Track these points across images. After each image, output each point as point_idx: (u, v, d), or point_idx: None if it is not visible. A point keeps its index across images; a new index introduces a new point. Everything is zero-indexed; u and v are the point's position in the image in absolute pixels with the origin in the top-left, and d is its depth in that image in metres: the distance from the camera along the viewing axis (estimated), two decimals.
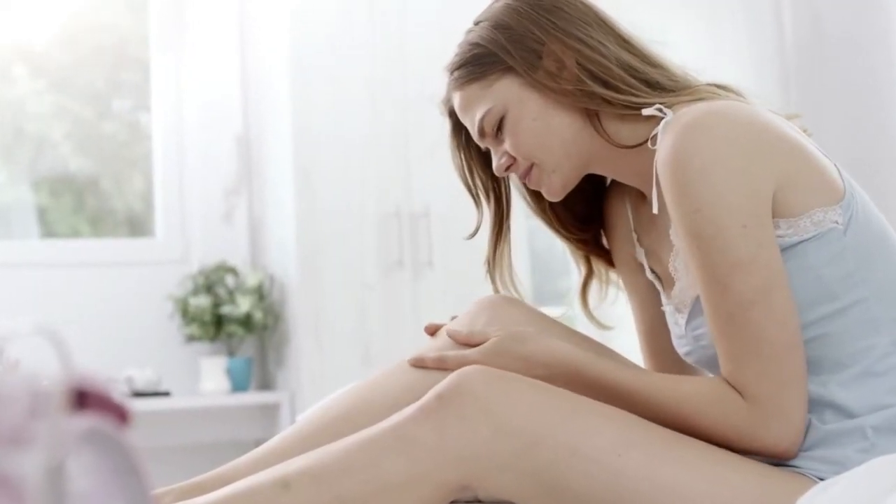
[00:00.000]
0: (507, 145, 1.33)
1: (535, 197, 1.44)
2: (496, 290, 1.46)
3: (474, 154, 1.44)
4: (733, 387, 1.14)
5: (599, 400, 1.23)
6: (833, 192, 1.18)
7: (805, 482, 1.12)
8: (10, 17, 3.42)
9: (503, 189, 1.45)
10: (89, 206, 3.57)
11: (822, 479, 1.11)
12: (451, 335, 1.36)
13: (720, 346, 1.16)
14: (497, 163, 1.35)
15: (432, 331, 1.43)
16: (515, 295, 1.45)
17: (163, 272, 3.39)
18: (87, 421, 0.54)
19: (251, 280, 3.27)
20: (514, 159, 1.33)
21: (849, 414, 1.16)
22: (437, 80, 3.49)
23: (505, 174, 1.37)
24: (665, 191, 1.18)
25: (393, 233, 3.25)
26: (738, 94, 1.28)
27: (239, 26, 3.56)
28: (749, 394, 1.13)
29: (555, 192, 1.34)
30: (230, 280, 3.33)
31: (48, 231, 3.50)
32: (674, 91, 1.26)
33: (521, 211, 1.49)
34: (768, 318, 1.12)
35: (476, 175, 1.45)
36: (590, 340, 1.43)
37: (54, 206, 3.54)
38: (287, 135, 3.22)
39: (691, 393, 1.18)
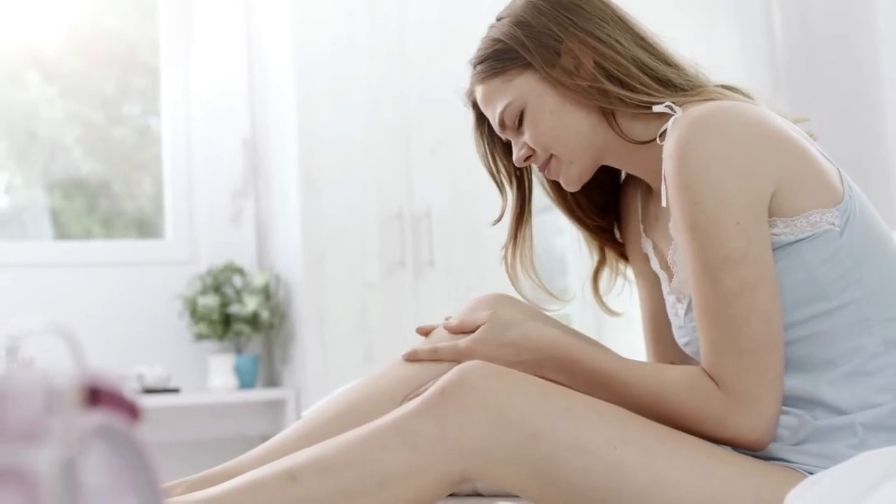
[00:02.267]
0: (526, 137, 1.34)
1: (555, 185, 1.45)
2: (509, 275, 1.46)
3: (497, 143, 1.45)
4: (711, 377, 1.15)
5: (584, 385, 1.24)
6: (831, 194, 1.18)
7: (795, 476, 1.12)
8: (22, 24, 3.42)
9: (525, 175, 1.46)
10: (101, 208, 3.58)
11: (812, 474, 1.11)
12: (446, 328, 1.38)
13: (703, 336, 1.17)
14: (517, 154, 1.37)
15: (425, 332, 1.44)
16: (532, 276, 1.45)
17: (172, 272, 3.39)
18: (100, 417, 0.54)
19: (258, 280, 3.27)
20: (534, 150, 1.35)
21: (839, 411, 1.16)
22: (437, 82, 3.51)
23: (524, 165, 1.38)
24: (668, 184, 1.19)
25: (395, 234, 3.25)
26: (747, 95, 1.28)
27: (245, 33, 3.57)
28: (726, 385, 1.14)
29: (572, 183, 1.36)
30: (237, 280, 3.33)
31: (61, 232, 3.50)
32: (685, 91, 1.26)
33: None
34: (751, 313, 1.13)
35: (499, 162, 1.47)
36: (583, 335, 1.43)
37: (67, 209, 3.55)
38: (292, 138, 3.23)
39: (671, 380, 1.19)
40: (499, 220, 1.48)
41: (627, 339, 3.65)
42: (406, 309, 3.23)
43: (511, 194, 1.47)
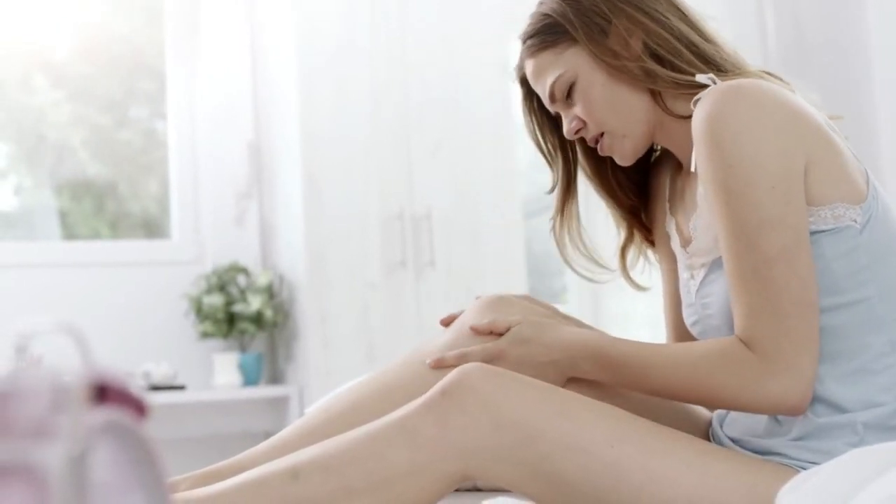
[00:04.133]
0: (577, 110, 1.33)
1: (595, 163, 1.44)
2: (558, 244, 1.44)
3: (545, 118, 1.44)
4: (746, 343, 1.13)
5: (619, 378, 1.22)
6: (856, 191, 1.17)
7: (790, 473, 1.12)
8: (30, 29, 3.42)
9: (570, 150, 1.45)
10: (108, 209, 3.58)
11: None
12: (473, 329, 1.35)
13: (739, 302, 1.14)
14: (567, 126, 1.35)
15: (448, 322, 1.43)
16: (582, 249, 1.43)
17: (178, 272, 3.39)
18: (107, 414, 0.54)
19: (262, 280, 3.27)
20: (584, 123, 1.33)
21: (841, 409, 1.15)
22: (438, 84, 3.49)
23: (575, 137, 1.37)
24: (698, 147, 1.17)
25: (396, 234, 3.25)
26: (785, 83, 1.26)
27: (250, 38, 3.57)
28: (763, 348, 1.11)
29: (626, 157, 1.34)
30: (242, 280, 3.33)
31: (69, 233, 3.50)
32: (728, 71, 1.25)
33: (518, 214, 1.48)
34: (791, 275, 1.11)
35: (546, 137, 1.45)
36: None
37: (75, 210, 3.55)
38: (295, 141, 3.23)
39: (704, 354, 1.17)
40: (552, 190, 1.46)
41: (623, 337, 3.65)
42: (407, 308, 3.23)
43: (558, 168, 1.45)
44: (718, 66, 1.26)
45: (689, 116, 1.24)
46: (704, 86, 1.23)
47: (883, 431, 1.13)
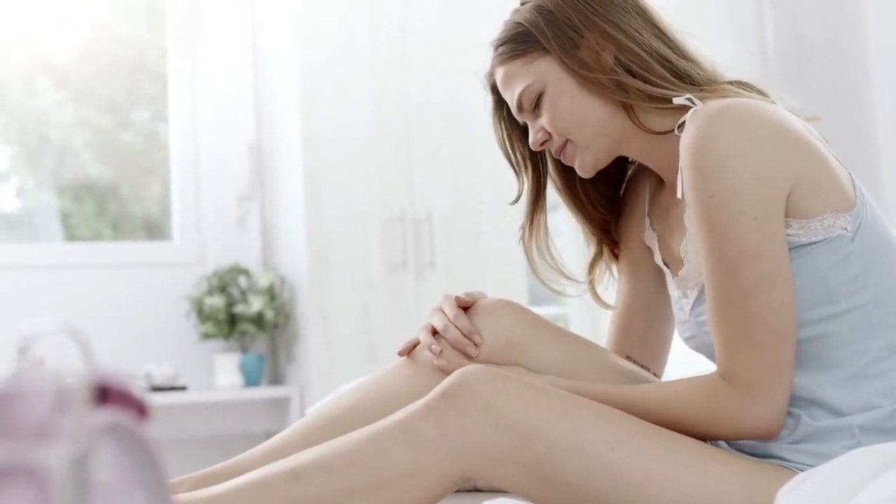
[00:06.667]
0: (543, 121, 1.31)
1: (565, 176, 1.42)
2: (527, 255, 1.43)
3: (514, 127, 1.43)
4: (723, 375, 1.14)
5: None
6: (845, 199, 1.17)
7: (788, 474, 1.12)
8: (33, 31, 3.43)
9: (540, 160, 1.44)
10: (110, 211, 3.58)
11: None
12: (439, 367, 1.34)
13: (717, 331, 1.15)
14: (533, 137, 1.34)
15: (406, 352, 1.40)
16: (548, 260, 1.42)
17: (179, 273, 3.39)
18: (109, 415, 0.54)
19: (263, 281, 3.27)
20: (550, 135, 1.32)
21: (838, 413, 1.15)
22: (438, 87, 3.49)
23: (540, 148, 1.36)
24: (685, 174, 1.17)
25: (397, 236, 3.25)
26: (762, 93, 1.26)
27: (251, 39, 3.57)
28: (738, 378, 1.12)
29: (587, 169, 1.33)
30: (243, 281, 3.33)
31: (71, 235, 3.50)
32: (702, 86, 1.24)
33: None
34: (765, 306, 1.11)
35: (515, 147, 1.44)
36: (580, 341, 1.41)
37: (77, 211, 3.55)
38: (297, 143, 3.23)
39: (675, 390, 1.18)
40: (516, 200, 1.45)
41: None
42: (407, 309, 3.23)
43: (527, 178, 1.44)
44: (693, 82, 1.24)
45: (664, 132, 1.24)
46: (681, 104, 1.22)
47: (880, 434, 1.14)
